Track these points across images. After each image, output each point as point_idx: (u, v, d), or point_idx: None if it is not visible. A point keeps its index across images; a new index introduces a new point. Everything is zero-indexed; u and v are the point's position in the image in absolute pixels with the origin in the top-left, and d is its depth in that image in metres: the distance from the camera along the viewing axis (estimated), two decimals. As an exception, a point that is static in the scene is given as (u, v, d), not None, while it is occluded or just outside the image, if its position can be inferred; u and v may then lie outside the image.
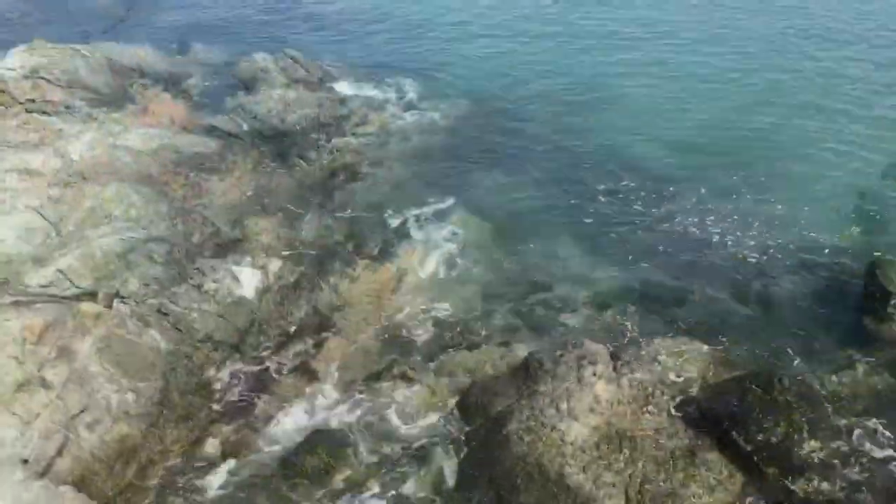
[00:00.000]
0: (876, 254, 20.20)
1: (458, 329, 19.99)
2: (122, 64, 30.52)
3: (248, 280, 20.04)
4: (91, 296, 18.34)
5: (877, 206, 23.53)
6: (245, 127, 27.49)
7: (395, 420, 17.36)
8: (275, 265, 20.79)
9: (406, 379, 18.19)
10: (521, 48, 37.42)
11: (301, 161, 26.68)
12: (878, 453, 15.69)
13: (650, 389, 16.70)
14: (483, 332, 19.83)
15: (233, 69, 33.26)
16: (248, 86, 31.38)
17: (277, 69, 31.96)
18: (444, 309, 20.60)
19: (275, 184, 25.50)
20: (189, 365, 18.18)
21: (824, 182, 25.02)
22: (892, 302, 18.64)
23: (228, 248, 21.37)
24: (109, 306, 18.27)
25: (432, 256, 22.23)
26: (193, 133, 26.83)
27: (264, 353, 19.26)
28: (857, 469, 15.09)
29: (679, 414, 16.50)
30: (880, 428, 16.31)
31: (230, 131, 27.11)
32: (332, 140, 28.07)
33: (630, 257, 22.27)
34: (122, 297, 18.56)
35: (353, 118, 29.40)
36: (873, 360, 18.04)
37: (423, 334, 19.89)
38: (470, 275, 21.80)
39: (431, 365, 18.81)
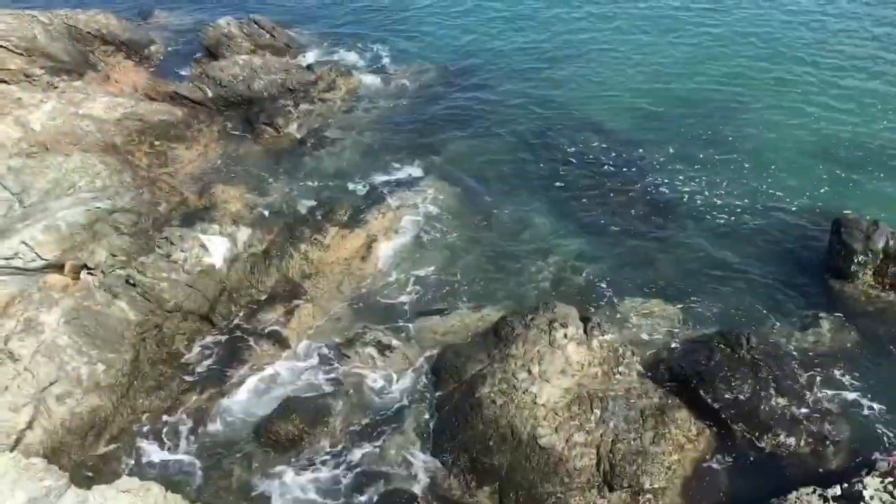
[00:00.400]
0: (846, 212, 20.39)
1: (430, 294, 20.01)
2: (82, 30, 29.79)
3: (216, 249, 19.80)
4: (57, 267, 18.10)
5: (844, 165, 23.71)
6: (210, 94, 27.08)
7: (368, 385, 17.38)
8: (244, 233, 20.59)
9: (378, 344, 18.19)
10: (492, 4, 37.22)
11: (268, 128, 26.36)
12: (843, 408, 16.04)
13: (621, 350, 16.91)
14: (455, 297, 19.86)
15: (197, 35, 32.67)
16: (213, 52, 30.87)
17: (242, 35, 31.46)
18: (415, 274, 20.59)
19: (242, 151, 25.24)
20: (159, 335, 18.02)
21: (792, 140, 25.20)
22: (857, 259, 18.93)
23: (196, 216, 21.15)
24: (76, 278, 18.06)
25: (403, 222, 22.11)
26: (157, 101, 26.42)
27: (235, 322, 19.15)
28: (822, 424, 15.39)
29: (649, 374, 16.77)
30: (845, 383, 16.66)
31: (195, 99, 26.70)
32: (300, 106, 27.72)
33: (601, 220, 22.34)
34: (89, 269, 18.33)
35: (320, 84, 29.00)
36: (839, 316, 18.37)
37: (394, 300, 19.87)
38: (441, 240, 21.77)
39: (404, 330, 18.84)
